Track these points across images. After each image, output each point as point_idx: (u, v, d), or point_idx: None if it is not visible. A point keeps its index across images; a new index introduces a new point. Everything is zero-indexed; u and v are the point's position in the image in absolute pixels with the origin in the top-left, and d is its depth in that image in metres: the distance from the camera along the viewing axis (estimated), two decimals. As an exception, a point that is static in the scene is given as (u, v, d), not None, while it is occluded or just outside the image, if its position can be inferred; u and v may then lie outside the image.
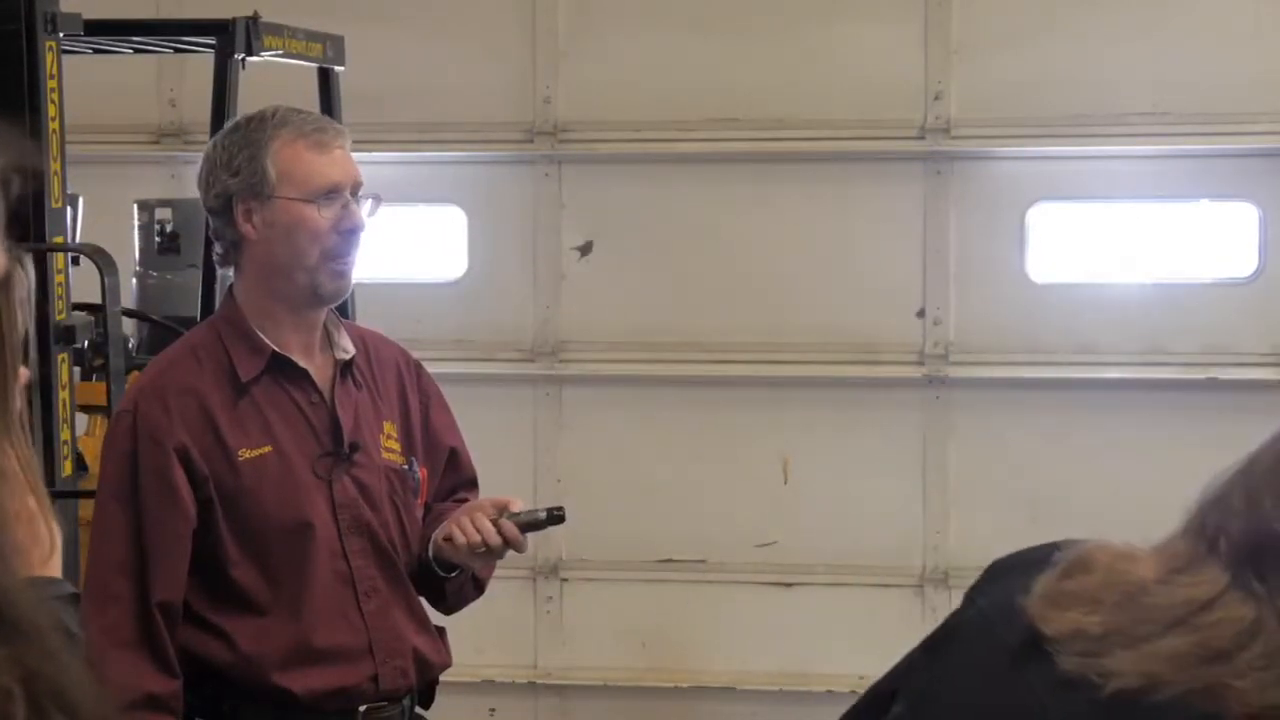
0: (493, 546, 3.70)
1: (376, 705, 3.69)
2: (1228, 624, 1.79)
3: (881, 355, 7.52)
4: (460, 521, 3.72)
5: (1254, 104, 7.24)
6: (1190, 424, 7.33)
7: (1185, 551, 1.91)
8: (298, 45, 6.20)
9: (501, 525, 3.71)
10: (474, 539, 3.69)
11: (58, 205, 5.20)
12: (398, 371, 3.87)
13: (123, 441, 3.62)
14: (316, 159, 3.64)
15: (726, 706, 7.61)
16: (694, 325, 7.58)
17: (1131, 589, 1.86)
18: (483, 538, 3.69)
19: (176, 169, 7.70)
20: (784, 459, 7.59)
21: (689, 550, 7.64)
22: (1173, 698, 1.75)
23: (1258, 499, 1.88)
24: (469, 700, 7.45)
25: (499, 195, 7.75)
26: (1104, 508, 7.36)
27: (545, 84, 7.65)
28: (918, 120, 7.45)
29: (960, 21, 7.41)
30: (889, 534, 7.52)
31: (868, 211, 7.52)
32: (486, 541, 3.69)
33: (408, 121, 7.60)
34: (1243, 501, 1.89)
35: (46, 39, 5.10)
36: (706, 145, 7.54)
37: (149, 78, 7.77)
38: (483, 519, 3.71)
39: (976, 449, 7.48)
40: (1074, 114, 7.32)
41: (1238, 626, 1.78)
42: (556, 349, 7.69)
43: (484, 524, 3.70)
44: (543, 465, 7.68)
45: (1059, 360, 7.42)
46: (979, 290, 7.47)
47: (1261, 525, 1.86)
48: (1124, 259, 7.49)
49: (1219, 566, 1.84)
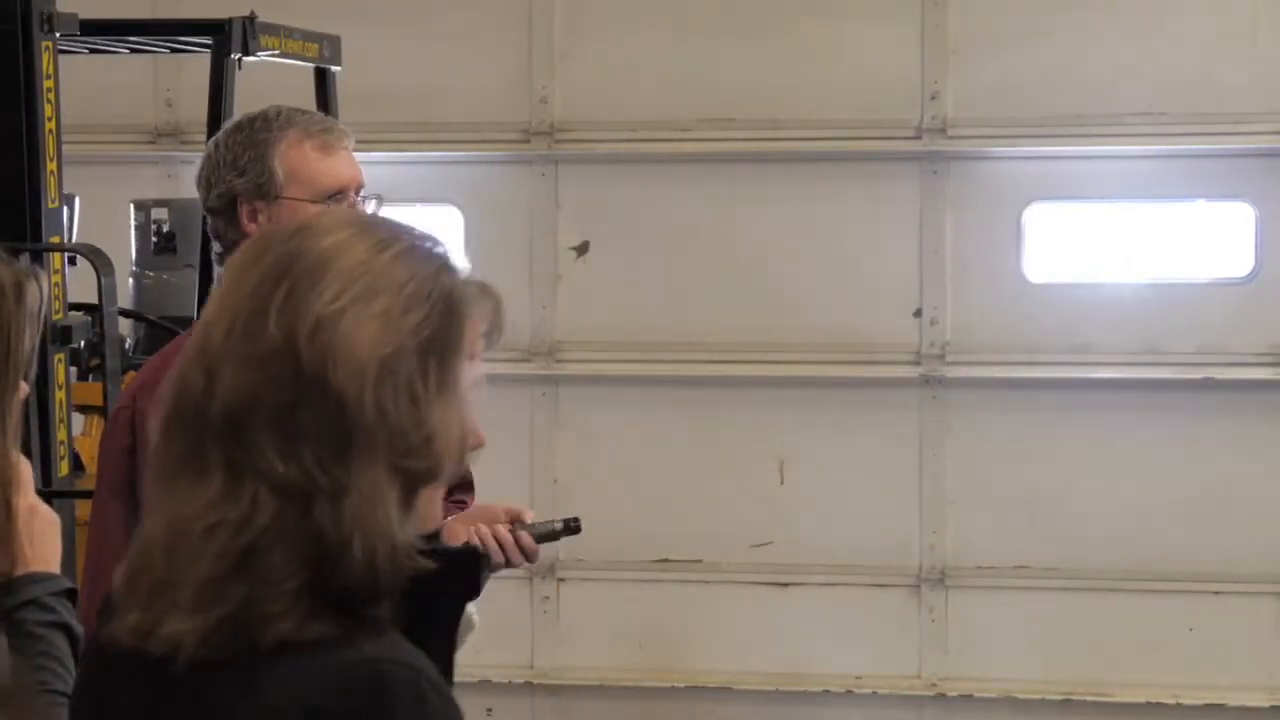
0: (514, 561, 3.70)
1: (375, 704, 3.69)
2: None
3: (878, 355, 7.52)
4: (480, 531, 3.70)
5: (1250, 104, 7.25)
6: (1186, 423, 7.34)
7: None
8: (294, 45, 6.20)
9: (520, 538, 3.70)
10: (496, 556, 3.67)
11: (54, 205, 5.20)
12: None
13: (121, 437, 3.61)
14: (323, 160, 3.64)
15: (723, 706, 7.61)
16: (690, 325, 7.58)
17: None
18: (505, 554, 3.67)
19: (173, 169, 7.70)
20: (780, 459, 7.59)
21: (686, 550, 7.64)
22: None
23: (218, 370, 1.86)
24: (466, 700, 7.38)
25: (495, 195, 7.75)
26: (1100, 507, 7.38)
27: (542, 84, 7.65)
28: (914, 120, 7.45)
29: (957, 22, 7.41)
30: (885, 534, 7.52)
31: (864, 211, 7.52)
32: (508, 556, 3.68)
33: (404, 121, 7.59)
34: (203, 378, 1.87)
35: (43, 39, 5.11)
36: (703, 145, 7.54)
37: (145, 78, 7.76)
38: (503, 531, 3.69)
39: (973, 449, 7.48)
40: (1070, 114, 7.32)
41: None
42: (553, 349, 7.69)
43: (504, 536, 3.69)
44: (539, 465, 7.68)
45: (1055, 360, 7.42)
46: (975, 290, 7.47)
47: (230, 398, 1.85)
48: (1120, 259, 7.49)
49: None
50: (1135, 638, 7.40)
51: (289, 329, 1.81)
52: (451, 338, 1.88)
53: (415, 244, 1.93)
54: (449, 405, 1.86)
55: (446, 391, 1.86)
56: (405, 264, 1.89)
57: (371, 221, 1.99)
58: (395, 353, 1.83)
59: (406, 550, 1.83)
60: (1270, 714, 7.35)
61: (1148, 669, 7.40)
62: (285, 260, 1.86)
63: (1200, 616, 7.38)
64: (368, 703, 1.79)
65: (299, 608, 1.79)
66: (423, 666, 1.85)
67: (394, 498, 1.82)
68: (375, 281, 1.85)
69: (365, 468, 1.80)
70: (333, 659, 1.79)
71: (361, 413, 1.80)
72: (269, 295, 1.83)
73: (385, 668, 1.80)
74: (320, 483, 1.79)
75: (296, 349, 1.81)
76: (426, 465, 1.85)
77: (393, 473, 1.82)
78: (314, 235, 1.88)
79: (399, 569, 1.82)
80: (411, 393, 1.83)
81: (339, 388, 1.80)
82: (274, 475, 1.80)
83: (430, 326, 1.86)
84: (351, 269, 1.85)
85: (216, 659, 1.79)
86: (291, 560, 1.79)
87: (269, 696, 1.78)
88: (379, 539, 1.80)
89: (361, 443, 1.80)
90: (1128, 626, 7.40)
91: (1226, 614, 7.36)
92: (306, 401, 1.80)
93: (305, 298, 1.83)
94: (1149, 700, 7.37)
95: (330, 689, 1.78)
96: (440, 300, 1.88)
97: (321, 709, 1.77)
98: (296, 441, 1.80)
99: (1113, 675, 7.41)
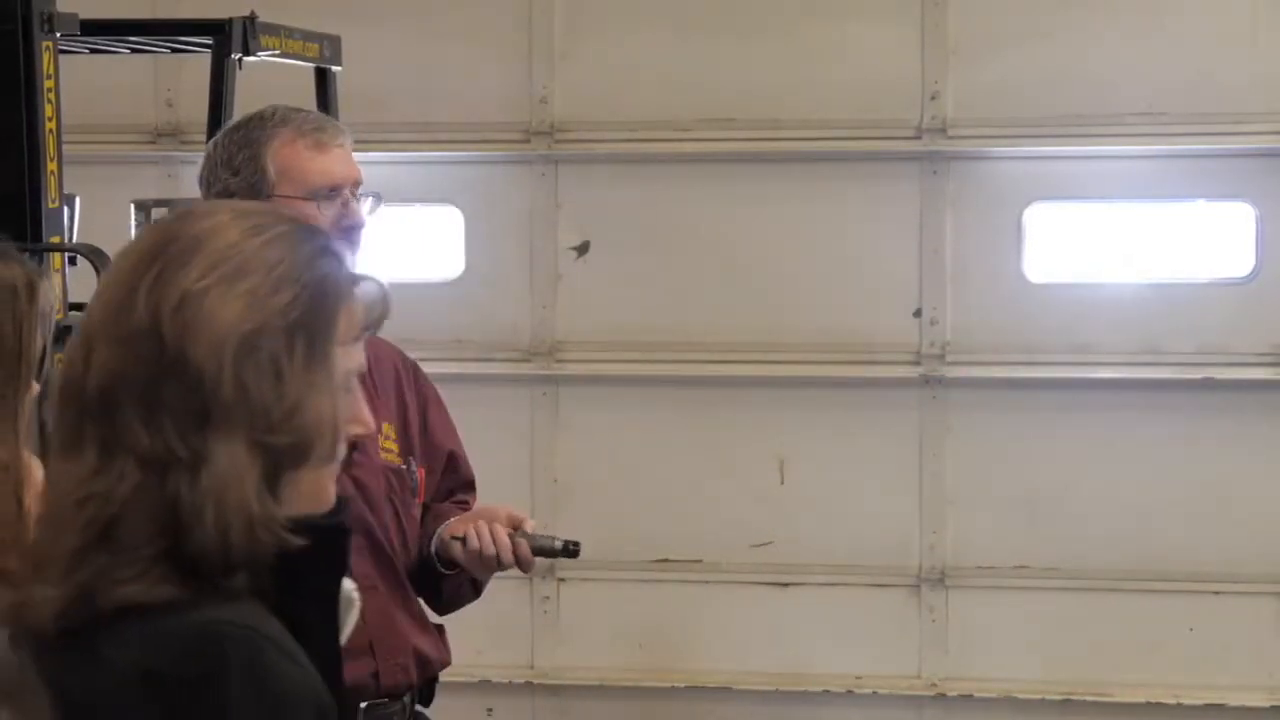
0: (505, 563, 3.71)
1: (377, 702, 3.70)
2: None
3: (878, 355, 7.52)
4: (478, 527, 3.72)
5: (1250, 104, 7.25)
6: (1186, 424, 7.34)
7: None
8: (295, 45, 6.20)
9: (517, 544, 3.72)
10: (488, 550, 3.69)
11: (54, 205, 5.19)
12: (395, 373, 3.87)
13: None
14: (316, 158, 3.64)
15: (723, 706, 7.61)
16: (690, 325, 7.58)
17: None
18: (497, 551, 3.69)
19: (173, 169, 7.70)
20: (780, 459, 7.58)
21: (685, 550, 7.64)
22: None
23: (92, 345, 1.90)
24: (466, 700, 7.45)
25: (495, 195, 7.75)
26: (1100, 507, 7.38)
27: (542, 84, 7.65)
28: (914, 120, 7.45)
29: (957, 21, 7.41)
30: (885, 534, 7.52)
31: (864, 211, 7.51)
32: (500, 556, 3.70)
33: (404, 121, 7.59)
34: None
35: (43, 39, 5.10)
36: (703, 145, 7.54)
37: (146, 78, 7.76)
38: (501, 531, 3.71)
39: (973, 449, 7.48)
40: (1071, 114, 7.32)
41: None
42: (553, 349, 7.69)
43: (501, 537, 3.70)
44: (539, 465, 7.68)
45: (1055, 360, 7.42)
46: (975, 290, 7.47)
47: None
48: (1121, 259, 7.49)
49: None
50: (1135, 638, 7.41)
51: (155, 307, 1.86)
52: (322, 320, 1.91)
53: (292, 231, 1.96)
54: (318, 386, 1.90)
55: (315, 373, 1.89)
56: (278, 248, 1.92)
57: (252, 209, 2.02)
58: (258, 330, 1.86)
59: (266, 524, 1.85)
60: (1270, 714, 7.35)
61: (1148, 669, 7.40)
62: (161, 242, 1.90)
63: (1200, 616, 7.38)
64: (205, 663, 1.81)
65: (150, 574, 1.82)
66: (268, 630, 1.86)
67: (254, 472, 1.85)
68: (245, 263, 1.89)
69: (223, 441, 1.84)
70: (174, 622, 1.82)
71: (220, 387, 1.84)
72: (141, 275, 1.88)
73: (224, 628, 1.82)
74: (179, 454, 1.83)
75: (160, 326, 1.85)
76: (291, 442, 1.88)
77: (254, 448, 1.85)
78: (191, 219, 1.93)
79: (257, 542, 1.85)
80: (276, 370, 1.87)
81: (198, 363, 1.84)
82: (139, 448, 1.84)
83: (299, 308, 1.89)
84: (223, 250, 1.89)
85: (71, 628, 1.82)
86: (148, 528, 1.82)
87: (109, 660, 1.80)
88: (233, 511, 1.83)
89: (220, 417, 1.84)
90: (1128, 626, 7.40)
91: (1226, 614, 7.36)
92: (169, 377, 1.85)
93: (174, 277, 1.87)
94: (1149, 700, 7.37)
95: (169, 651, 1.80)
96: (312, 283, 1.91)
97: (158, 671, 1.79)
98: (160, 416, 1.84)
99: (1113, 675, 7.41)
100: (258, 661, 1.83)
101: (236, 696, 1.80)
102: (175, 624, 1.82)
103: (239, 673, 1.81)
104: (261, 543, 1.85)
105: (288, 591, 1.89)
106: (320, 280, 1.92)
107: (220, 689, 1.80)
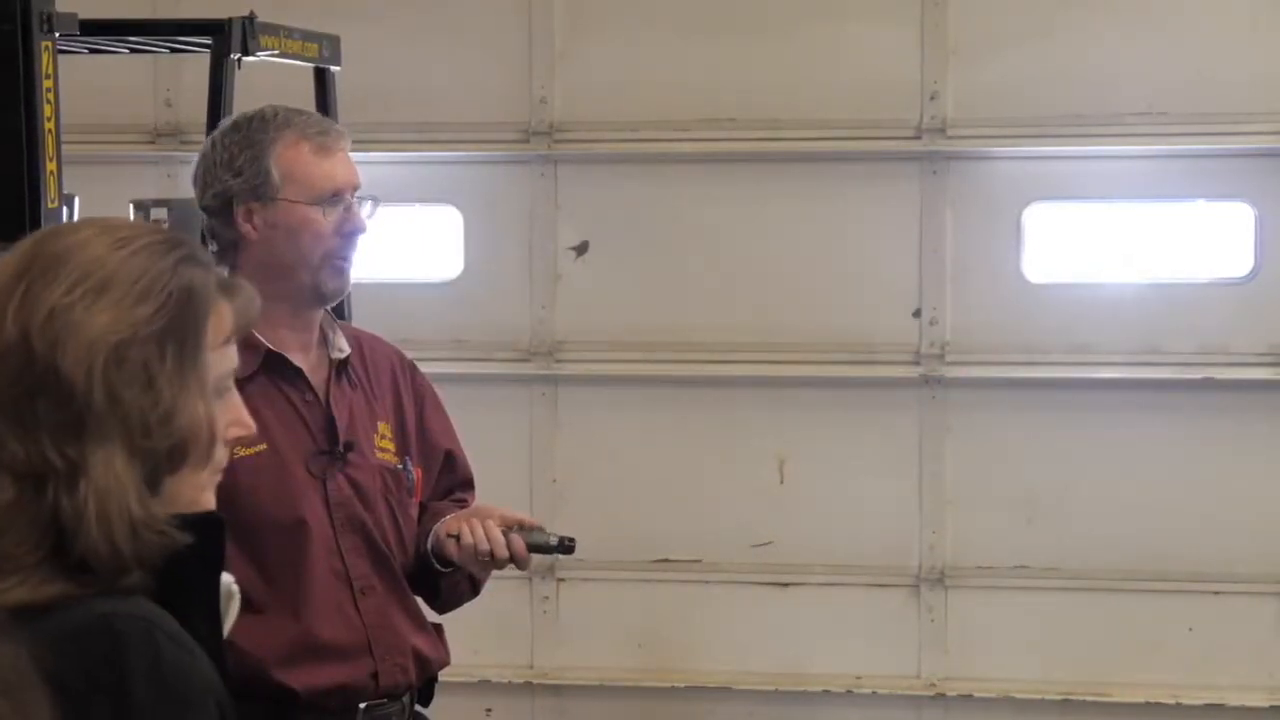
0: (499, 558, 3.71)
1: (377, 702, 3.70)
2: None
3: (877, 355, 7.52)
4: (472, 524, 3.72)
5: (1250, 104, 7.25)
6: (1186, 424, 7.34)
7: None
8: (294, 45, 6.19)
9: (511, 540, 3.72)
10: (482, 546, 3.69)
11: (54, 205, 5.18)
12: (392, 372, 3.86)
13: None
14: (321, 162, 3.64)
15: (722, 706, 7.61)
16: (690, 325, 7.58)
17: None
18: (491, 547, 3.69)
19: (172, 169, 7.70)
20: (780, 459, 7.58)
21: (685, 550, 7.64)
22: None
23: None
24: (465, 700, 7.45)
25: (495, 195, 7.75)
26: (1100, 507, 7.37)
27: (541, 84, 7.65)
28: (914, 120, 7.45)
29: (957, 22, 7.41)
30: (885, 534, 7.52)
31: (864, 212, 7.51)
32: (494, 552, 3.70)
33: (404, 121, 7.59)
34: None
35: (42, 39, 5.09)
36: (702, 145, 7.54)
37: (145, 78, 7.76)
38: (494, 528, 3.71)
39: (972, 449, 7.48)
40: (1070, 114, 7.32)
41: None
42: (553, 349, 7.68)
43: (495, 534, 3.71)
44: (539, 465, 7.68)
45: (1055, 360, 7.42)
46: (975, 290, 7.47)
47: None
48: (1120, 259, 7.49)
49: None
50: (1135, 638, 7.40)
51: (24, 323, 1.91)
52: (190, 327, 1.96)
53: (154, 241, 2.01)
54: (191, 391, 1.95)
55: (188, 377, 1.95)
56: (141, 259, 1.97)
57: (115, 223, 2.07)
58: (127, 340, 1.91)
59: (150, 526, 1.90)
60: (1270, 714, 7.35)
61: (1148, 669, 7.40)
62: (26, 260, 1.96)
63: (1200, 616, 7.38)
64: (100, 656, 1.85)
65: (33, 578, 1.86)
66: (158, 620, 1.90)
67: (133, 477, 1.90)
68: (110, 275, 1.94)
69: (99, 450, 1.89)
70: (64, 617, 1.85)
71: (92, 397, 1.89)
72: (10, 294, 1.93)
73: (115, 621, 1.87)
74: (56, 465, 1.88)
75: (30, 341, 1.90)
76: (169, 446, 1.93)
77: (132, 454, 1.90)
78: (56, 237, 1.99)
79: (142, 543, 1.90)
80: (148, 377, 1.92)
81: (69, 375, 1.89)
82: (16, 463, 1.88)
83: (165, 316, 1.94)
84: (87, 264, 1.94)
85: None
86: (30, 536, 1.87)
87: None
88: (116, 517, 1.88)
89: (94, 427, 1.89)
90: (1127, 626, 7.40)
91: (1226, 614, 7.36)
92: (40, 390, 1.89)
93: (41, 293, 1.92)
94: (1149, 700, 7.37)
95: (60, 645, 1.83)
96: (177, 291, 1.96)
97: (57, 671, 1.80)
98: (35, 429, 1.89)
99: (1113, 675, 7.41)
100: (150, 651, 1.87)
101: (140, 696, 1.85)
102: (66, 619, 1.86)
103: (136, 661, 1.85)
104: (148, 543, 1.90)
105: (169, 588, 1.94)
106: (185, 288, 1.97)
107: (122, 686, 1.85)
